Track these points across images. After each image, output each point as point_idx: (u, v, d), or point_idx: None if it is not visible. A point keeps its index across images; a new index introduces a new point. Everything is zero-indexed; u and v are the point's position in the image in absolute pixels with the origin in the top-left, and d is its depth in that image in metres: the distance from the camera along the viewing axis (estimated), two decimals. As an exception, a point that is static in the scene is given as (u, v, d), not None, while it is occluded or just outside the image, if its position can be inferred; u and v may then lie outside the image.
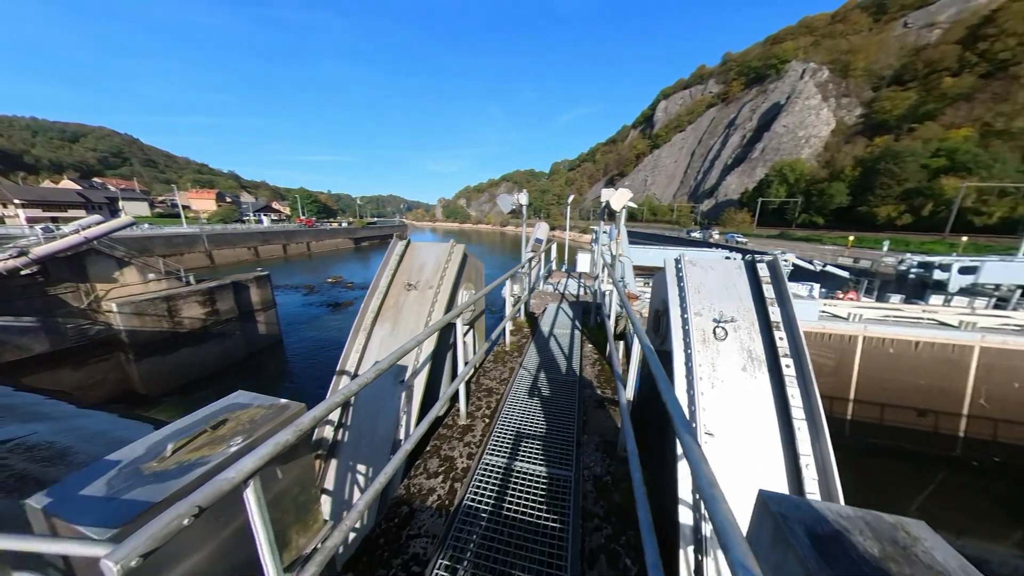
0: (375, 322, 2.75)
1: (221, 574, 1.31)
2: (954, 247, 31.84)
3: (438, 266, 3.17)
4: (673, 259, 3.08)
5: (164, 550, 0.83)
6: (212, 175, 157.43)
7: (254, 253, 54.56)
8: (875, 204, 50.25)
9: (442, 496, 2.20)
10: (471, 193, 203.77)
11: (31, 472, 4.42)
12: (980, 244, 33.52)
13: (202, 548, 1.23)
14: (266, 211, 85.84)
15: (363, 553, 1.86)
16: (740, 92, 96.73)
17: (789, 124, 75.33)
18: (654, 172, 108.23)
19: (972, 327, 12.10)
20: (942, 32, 68.39)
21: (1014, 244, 32.22)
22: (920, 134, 54.20)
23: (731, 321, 2.62)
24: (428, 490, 2.25)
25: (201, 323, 17.07)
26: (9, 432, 5.31)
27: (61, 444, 5.16)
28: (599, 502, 2.20)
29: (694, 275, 2.95)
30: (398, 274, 3.05)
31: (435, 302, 2.88)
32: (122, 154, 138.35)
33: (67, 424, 5.73)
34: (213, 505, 0.89)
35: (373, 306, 2.87)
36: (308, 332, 25.13)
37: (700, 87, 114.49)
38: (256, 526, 1.05)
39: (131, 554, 0.75)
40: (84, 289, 13.75)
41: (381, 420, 2.35)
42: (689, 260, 2.99)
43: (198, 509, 0.87)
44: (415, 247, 3.30)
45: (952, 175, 44.07)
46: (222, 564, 1.33)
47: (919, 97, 62.71)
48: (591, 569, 1.82)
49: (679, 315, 2.76)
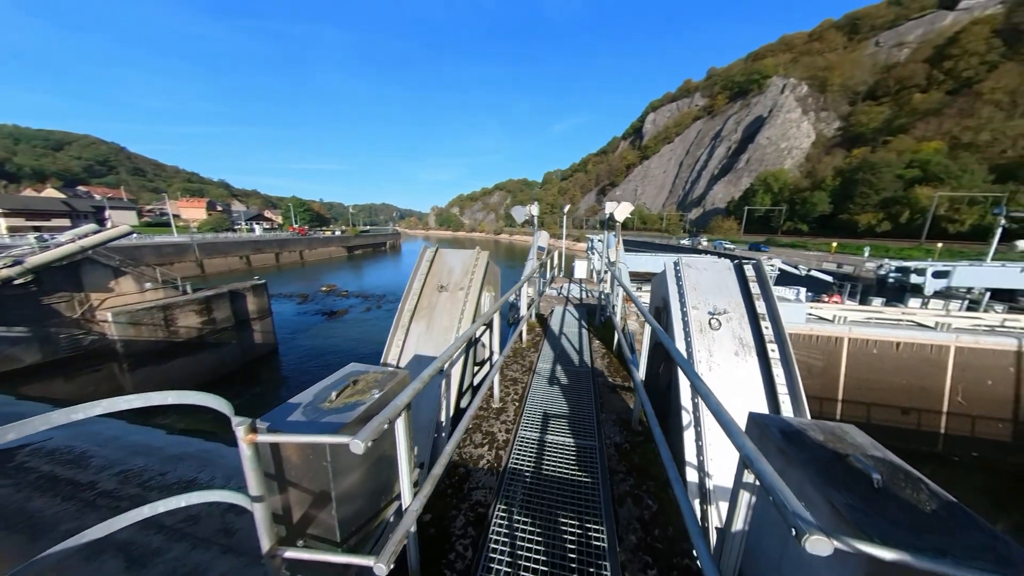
0: (412, 320, 3.04)
1: (370, 489, 1.73)
2: (931, 253, 33.37)
3: (466, 270, 3.48)
4: (672, 263, 3.48)
5: (352, 458, 1.13)
6: (202, 184, 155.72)
7: (246, 262, 53.97)
8: (855, 212, 52.33)
9: (490, 461, 2.63)
10: (464, 201, 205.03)
11: (60, 473, 4.55)
12: (955, 250, 35.16)
13: (361, 465, 1.64)
14: (258, 220, 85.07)
15: (437, 499, 2.30)
16: (725, 105, 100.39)
17: (772, 136, 78.32)
18: (644, 182, 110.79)
19: (947, 328, 12.80)
20: (911, 51, 72.55)
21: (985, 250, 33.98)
22: (894, 146, 56.97)
23: (724, 313, 3.00)
24: (478, 456, 2.68)
25: (197, 332, 16.94)
26: (25, 438, 5.43)
27: (79, 448, 5.26)
28: (621, 462, 2.64)
29: (690, 275, 3.36)
30: (429, 277, 3.36)
31: (465, 302, 3.18)
32: (108, 162, 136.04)
33: (79, 430, 5.82)
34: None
35: (409, 306, 3.16)
36: (304, 341, 24.99)
37: (687, 100, 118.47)
38: (401, 448, 1.41)
39: (368, 438, 1.13)
40: (78, 299, 13.61)
41: (424, 405, 2.63)
42: (686, 263, 3.42)
43: (388, 421, 1.23)
44: (443, 253, 3.63)
45: (925, 185, 46.32)
46: (370, 482, 1.76)
47: (892, 111, 66.07)
48: (621, 507, 2.24)
49: (679, 309, 3.14)
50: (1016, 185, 40.92)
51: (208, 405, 1.24)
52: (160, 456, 5.62)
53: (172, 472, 5.17)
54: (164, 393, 1.23)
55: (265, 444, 1.27)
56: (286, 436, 1.21)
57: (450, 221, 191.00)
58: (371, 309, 32.95)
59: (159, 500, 1.38)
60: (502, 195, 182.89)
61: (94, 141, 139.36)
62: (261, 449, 1.24)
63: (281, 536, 1.36)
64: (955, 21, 69.84)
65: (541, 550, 1.94)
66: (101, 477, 4.79)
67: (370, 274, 54.36)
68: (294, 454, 1.34)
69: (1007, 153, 47.57)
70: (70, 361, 13.31)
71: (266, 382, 19.04)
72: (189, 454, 5.78)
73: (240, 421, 1.18)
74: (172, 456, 5.66)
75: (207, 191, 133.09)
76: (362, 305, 34.13)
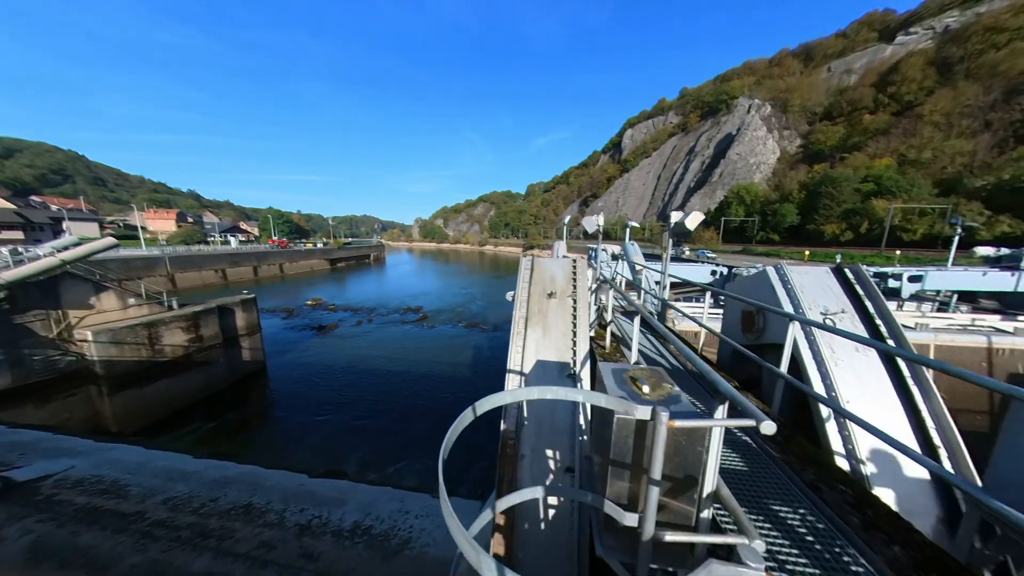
0: (527, 327, 3.02)
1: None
2: (890, 259, 36.26)
3: (567, 277, 3.52)
4: (772, 268, 3.67)
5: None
6: (170, 194, 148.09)
7: (222, 276, 51.37)
8: (821, 223, 56.24)
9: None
10: (448, 213, 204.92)
11: (100, 504, 4.15)
12: (910, 256, 38.39)
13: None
14: (234, 232, 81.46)
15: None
16: (697, 123, 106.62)
17: (741, 152, 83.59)
18: (625, 194, 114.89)
19: (926, 328, 13.85)
20: (858, 77, 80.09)
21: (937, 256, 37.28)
22: (850, 162, 62.12)
23: (838, 313, 3.18)
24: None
25: (184, 351, 15.88)
26: (39, 468, 4.88)
27: (109, 476, 4.82)
28: (785, 453, 2.66)
29: (796, 280, 3.55)
30: (533, 285, 3.36)
31: (575, 306, 3.20)
32: (64, 171, 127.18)
33: (99, 457, 5.32)
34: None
35: (521, 314, 3.15)
36: (292, 357, 23.88)
37: (662, 117, 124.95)
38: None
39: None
40: (55, 316, 12.51)
41: (558, 410, 2.60)
42: (789, 268, 3.62)
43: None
44: (539, 262, 3.65)
45: (880, 198, 50.61)
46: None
47: (846, 131, 72.24)
48: (817, 492, 2.26)
49: (794, 311, 3.29)
50: (957, 197, 45.40)
51: None
52: (201, 481, 5.20)
53: (224, 497, 4.79)
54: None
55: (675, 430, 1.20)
56: (700, 421, 1.17)
57: (434, 233, 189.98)
58: (362, 323, 31.95)
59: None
60: (486, 207, 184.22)
61: (49, 148, 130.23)
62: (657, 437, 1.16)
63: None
64: (894, 53, 77.96)
65: (772, 532, 1.93)
66: (148, 506, 4.38)
67: (356, 287, 52.89)
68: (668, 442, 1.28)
69: (947, 169, 52.90)
70: (42, 385, 12.11)
71: (255, 403, 17.93)
72: (231, 478, 5.38)
73: (661, 410, 1.14)
74: (214, 481, 5.25)
75: (176, 202, 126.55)
76: (352, 319, 33.06)
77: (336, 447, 13.30)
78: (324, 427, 14.90)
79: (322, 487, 4.90)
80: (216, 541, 3.69)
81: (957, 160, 52.91)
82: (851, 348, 3.08)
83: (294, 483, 5.07)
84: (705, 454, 1.25)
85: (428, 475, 11.72)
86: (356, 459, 12.53)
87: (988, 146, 51.62)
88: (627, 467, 1.32)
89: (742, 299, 3.16)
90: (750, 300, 3.09)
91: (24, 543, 3.34)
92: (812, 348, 3.07)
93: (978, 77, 58.59)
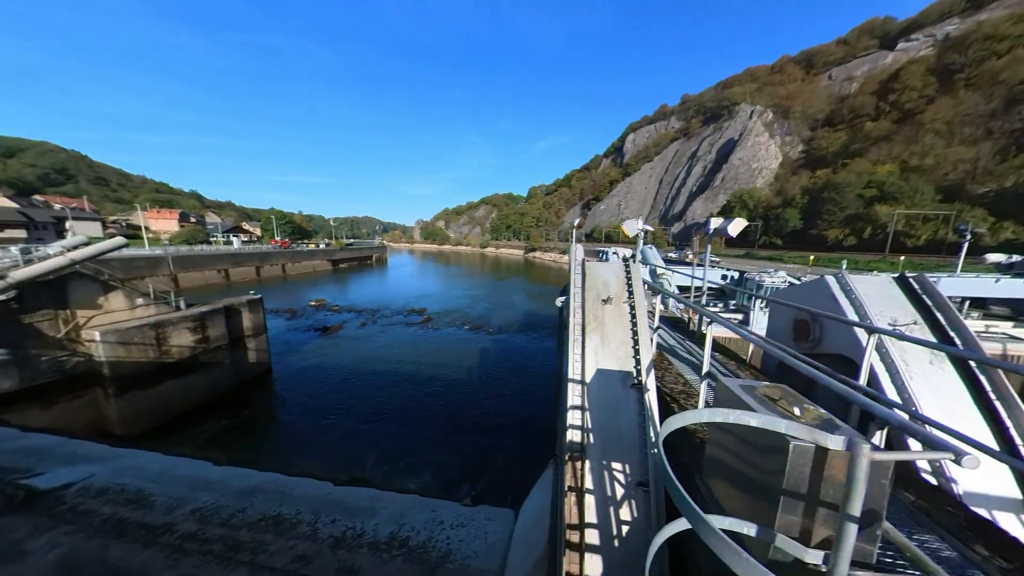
0: (584, 334, 2.92)
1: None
2: (895, 265, 36.20)
3: (620, 281, 3.41)
4: (832, 275, 3.59)
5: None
6: (172, 194, 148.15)
7: (224, 276, 51.25)
8: (824, 227, 56.31)
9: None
10: (450, 215, 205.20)
11: (126, 515, 4.03)
12: (915, 262, 38.33)
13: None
14: (236, 232, 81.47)
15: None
16: (699, 128, 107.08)
17: (743, 157, 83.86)
18: (627, 197, 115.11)
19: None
20: (859, 85, 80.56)
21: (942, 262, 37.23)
22: (853, 168, 62.29)
23: (912, 324, 3.09)
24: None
25: (190, 352, 15.73)
26: (60, 476, 4.75)
27: (132, 485, 4.69)
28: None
29: (861, 289, 3.46)
30: (587, 291, 3.25)
31: (634, 311, 3.09)
32: (67, 171, 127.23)
33: (119, 464, 5.19)
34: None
35: (578, 320, 3.04)
36: (297, 359, 23.74)
37: (663, 123, 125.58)
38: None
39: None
40: (63, 317, 12.37)
41: (623, 420, 2.48)
42: (851, 277, 3.53)
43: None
44: (591, 267, 3.54)
45: (883, 203, 50.70)
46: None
47: (848, 137, 72.54)
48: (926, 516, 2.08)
49: (860, 321, 3.20)
50: (961, 204, 45.45)
51: None
52: (226, 490, 5.06)
53: (251, 507, 4.65)
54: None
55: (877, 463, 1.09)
56: (897, 455, 1.06)
57: (436, 234, 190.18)
58: (366, 324, 31.80)
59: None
60: (487, 209, 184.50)
61: (52, 148, 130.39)
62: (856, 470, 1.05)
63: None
64: (895, 60, 78.51)
65: (899, 561, 1.83)
66: (175, 518, 4.24)
67: (358, 288, 52.76)
68: (840, 472, 1.17)
69: (949, 176, 53.02)
70: (50, 387, 11.95)
71: (261, 406, 17.75)
72: (256, 487, 5.23)
73: (860, 440, 1.04)
74: (240, 490, 5.11)
75: (178, 202, 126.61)
76: (356, 320, 32.91)
77: (348, 452, 13.12)
78: (332, 431, 14.72)
79: (350, 496, 4.76)
80: (250, 555, 3.55)
81: (960, 167, 53.06)
82: (925, 360, 2.98)
83: (321, 492, 4.94)
84: (888, 486, 1.16)
85: (448, 481, 11.55)
86: (371, 464, 12.35)
87: (990, 153, 51.74)
88: (801, 499, 1.21)
89: (804, 308, 3.05)
90: (814, 309, 2.97)
91: (54, 557, 3.20)
92: (885, 360, 2.97)
93: (979, 86, 58.91)
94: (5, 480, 4.37)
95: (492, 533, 4.28)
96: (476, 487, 11.43)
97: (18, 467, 4.83)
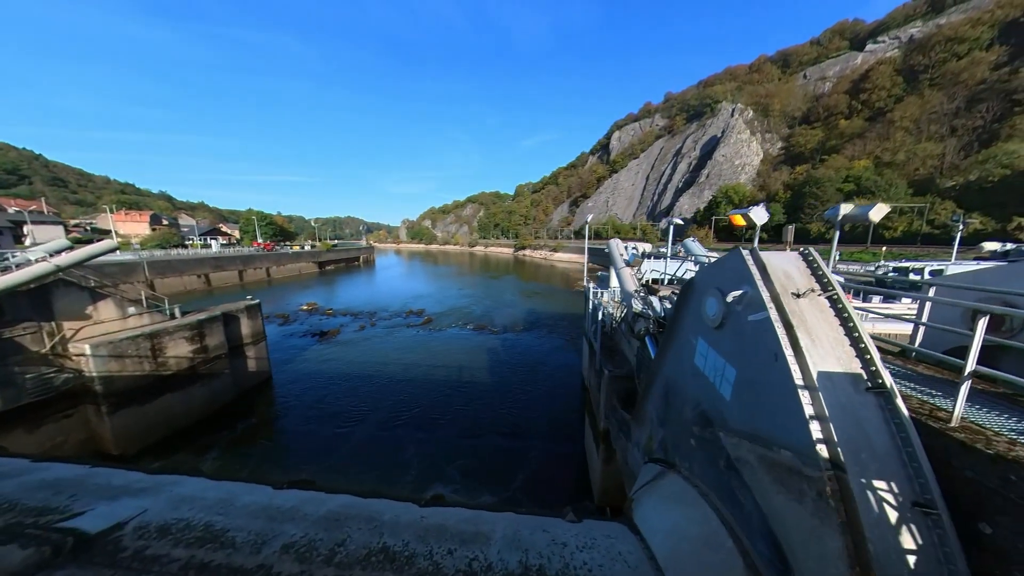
0: (787, 333, 2.59)
1: None
2: (876, 256, 37.95)
3: (803, 273, 3.08)
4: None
5: None
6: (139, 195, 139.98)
7: (205, 281, 48.61)
8: (806, 221, 58.49)
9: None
10: (436, 214, 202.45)
11: (207, 559, 3.47)
12: (895, 252, 40.31)
13: None
14: (214, 235, 77.47)
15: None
16: (683, 126, 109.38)
17: (727, 154, 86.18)
18: (614, 194, 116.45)
19: (948, 320, 14.27)
20: (832, 84, 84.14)
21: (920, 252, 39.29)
22: (830, 164, 65.01)
23: None
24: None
25: (188, 363, 14.62)
26: (107, 514, 4.08)
27: (197, 520, 4.08)
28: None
29: None
30: (773, 284, 2.90)
31: (840, 307, 2.76)
32: (19, 171, 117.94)
33: (169, 495, 4.54)
34: None
35: (774, 316, 2.69)
36: (296, 366, 22.62)
37: (648, 120, 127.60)
38: None
39: None
40: (47, 330, 11.16)
41: (871, 430, 2.18)
42: None
43: None
44: (767, 258, 3.17)
45: (860, 197, 53.05)
46: None
47: (824, 134, 75.66)
48: None
49: None
50: (932, 197, 48.11)
51: None
52: (307, 519, 4.48)
53: (349, 539, 4.09)
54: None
55: None
56: None
57: (422, 234, 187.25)
58: (365, 327, 30.73)
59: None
60: (475, 208, 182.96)
61: (1, 147, 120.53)
62: None
63: None
64: (864, 61, 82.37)
65: None
66: (268, 558, 3.66)
67: (348, 291, 51.10)
68: None
69: (919, 171, 56.08)
70: (35, 407, 10.75)
71: (266, 417, 16.72)
72: (340, 513, 4.67)
73: None
74: (322, 518, 4.54)
75: (146, 203, 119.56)
76: (353, 324, 31.75)
77: (378, 461, 12.48)
78: (350, 439, 14.00)
79: (449, 518, 4.29)
80: (381, 600, 3.06)
81: (928, 163, 56.19)
82: None
83: (413, 516, 4.44)
84: None
85: (500, 488, 11.08)
86: (415, 474, 11.75)
87: (955, 149, 55.02)
88: None
89: (1006, 292, 2.84)
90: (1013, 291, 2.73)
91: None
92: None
93: (942, 85, 62.53)
94: (44, 525, 3.69)
95: (627, 554, 3.89)
96: (510, 489, 11.06)
97: (50, 507, 4.13)
